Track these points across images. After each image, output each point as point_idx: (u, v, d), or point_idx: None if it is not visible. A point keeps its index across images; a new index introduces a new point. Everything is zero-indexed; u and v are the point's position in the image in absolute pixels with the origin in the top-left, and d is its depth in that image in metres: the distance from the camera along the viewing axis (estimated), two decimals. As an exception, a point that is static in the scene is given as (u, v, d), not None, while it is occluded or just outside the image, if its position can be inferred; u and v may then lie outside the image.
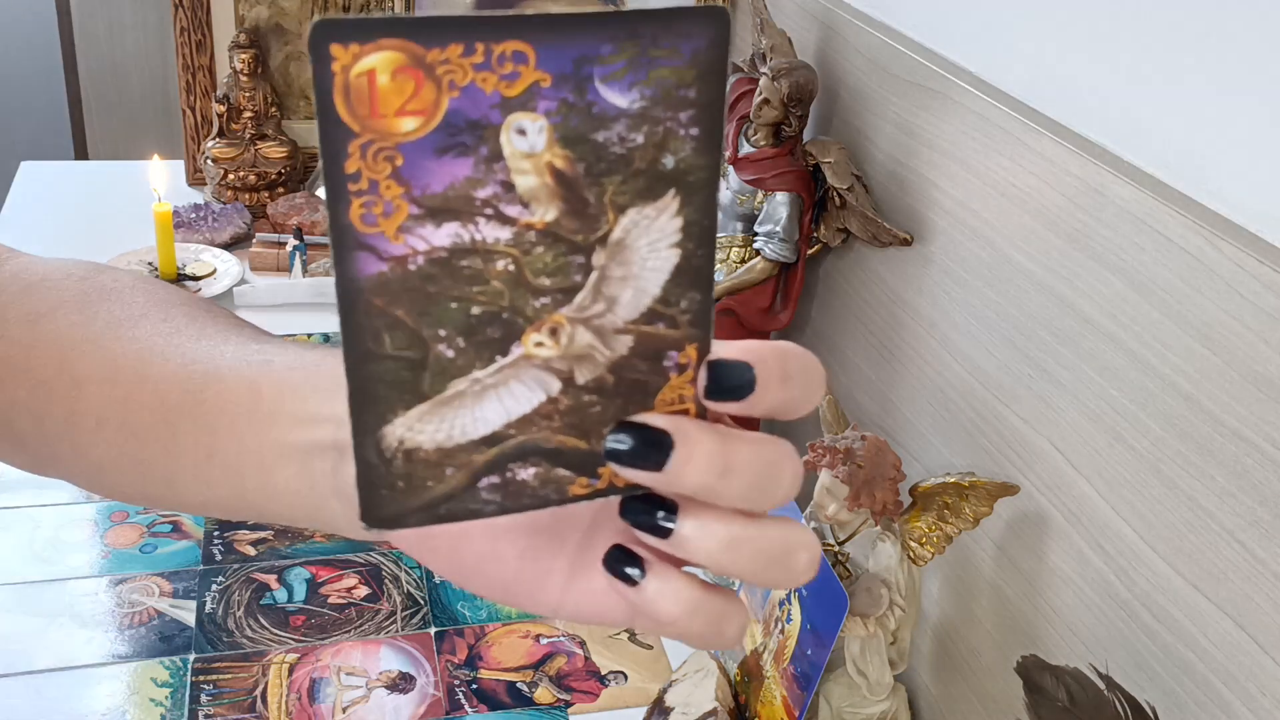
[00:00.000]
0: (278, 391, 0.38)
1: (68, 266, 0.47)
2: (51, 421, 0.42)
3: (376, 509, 0.31)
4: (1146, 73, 0.67)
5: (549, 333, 0.30)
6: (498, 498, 0.32)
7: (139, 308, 0.44)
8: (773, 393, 0.32)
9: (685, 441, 0.31)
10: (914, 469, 0.92)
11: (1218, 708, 0.61)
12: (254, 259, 1.39)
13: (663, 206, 0.29)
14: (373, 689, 0.88)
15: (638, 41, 0.27)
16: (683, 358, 0.32)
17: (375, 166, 0.27)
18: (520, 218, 0.29)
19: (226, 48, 1.47)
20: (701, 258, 0.30)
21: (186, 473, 0.40)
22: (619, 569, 0.34)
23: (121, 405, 0.41)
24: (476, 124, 0.27)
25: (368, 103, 0.26)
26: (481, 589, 0.37)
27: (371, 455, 0.30)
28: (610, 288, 0.30)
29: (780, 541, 0.32)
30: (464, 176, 0.28)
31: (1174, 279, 0.63)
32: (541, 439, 0.31)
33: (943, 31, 0.90)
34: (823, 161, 1.00)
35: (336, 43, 0.26)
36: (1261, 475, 0.58)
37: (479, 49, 0.26)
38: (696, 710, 0.84)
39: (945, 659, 0.88)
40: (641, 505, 0.33)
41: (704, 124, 0.29)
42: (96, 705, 0.84)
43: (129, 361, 0.41)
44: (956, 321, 0.85)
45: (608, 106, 0.28)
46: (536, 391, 0.31)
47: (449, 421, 0.31)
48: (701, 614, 0.33)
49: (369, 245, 0.28)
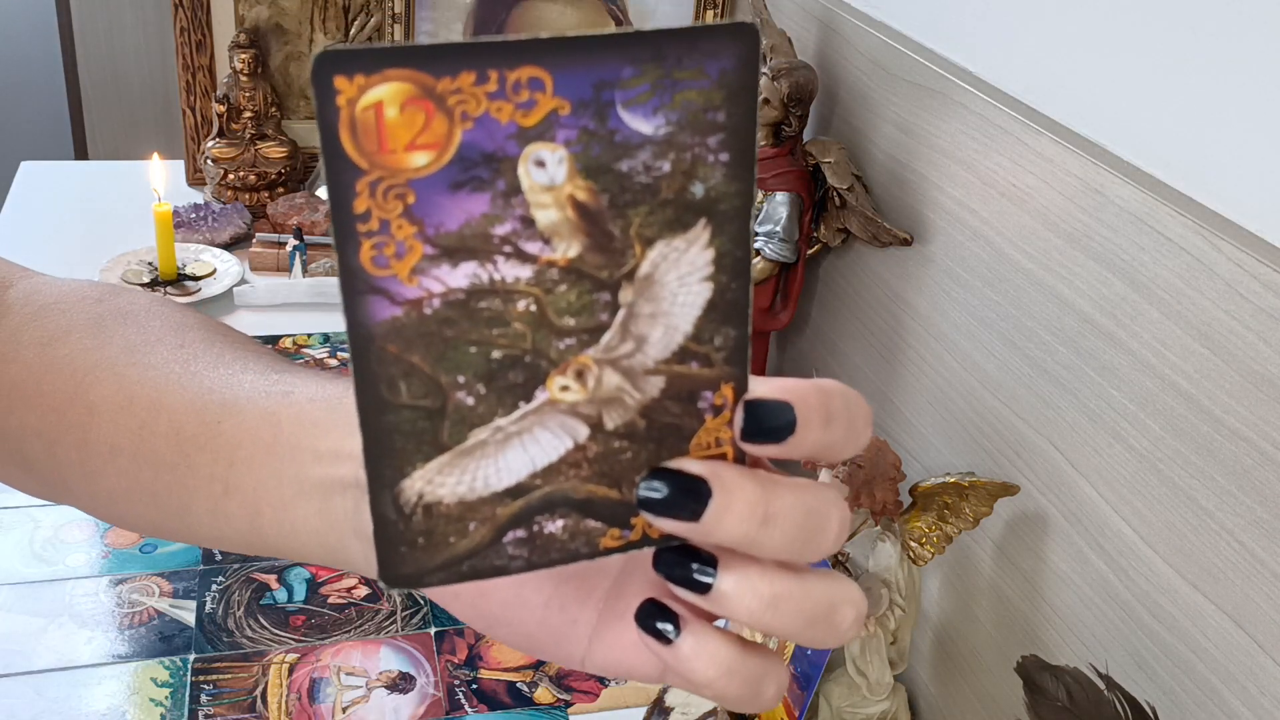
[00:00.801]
0: (298, 425, 0.37)
1: (82, 288, 0.45)
2: (63, 448, 0.41)
3: (396, 567, 0.29)
4: (1146, 73, 0.67)
5: (575, 376, 0.29)
6: (524, 553, 0.30)
7: (155, 332, 0.43)
8: (814, 434, 0.30)
9: (723, 489, 0.29)
10: (914, 469, 0.92)
11: (1218, 708, 0.61)
12: (254, 259, 1.39)
13: (693, 238, 0.28)
14: (373, 689, 0.88)
15: (661, 63, 0.26)
16: (718, 398, 0.30)
17: (386, 205, 0.25)
18: (541, 255, 0.27)
19: (226, 48, 1.47)
20: (736, 291, 0.28)
21: (201, 505, 0.38)
22: (651, 625, 0.31)
23: (136, 434, 0.39)
24: (492, 156, 0.26)
25: (376, 138, 0.25)
26: (506, 637, 0.35)
27: (389, 511, 0.29)
28: (639, 326, 0.28)
29: (825, 598, 0.30)
30: (480, 213, 0.26)
31: (1174, 279, 0.63)
32: (570, 489, 0.30)
33: (943, 31, 0.90)
34: (823, 161, 1.00)
35: (341, 75, 0.24)
36: (1261, 475, 0.58)
37: (492, 76, 0.25)
38: (696, 710, 0.84)
39: (945, 659, 0.88)
40: (677, 558, 0.30)
41: (734, 149, 0.27)
42: (96, 705, 0.84)
43: (144, 389, 0.40)
44: (956, 321, 0.85)
45: (631, 133, 0.26)
46: (563, 439, 0.29)
47: (471, 473, 0.29)
48: (739, 675, 0.31)
49: (381, 289, 0.26)
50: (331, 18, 1.49)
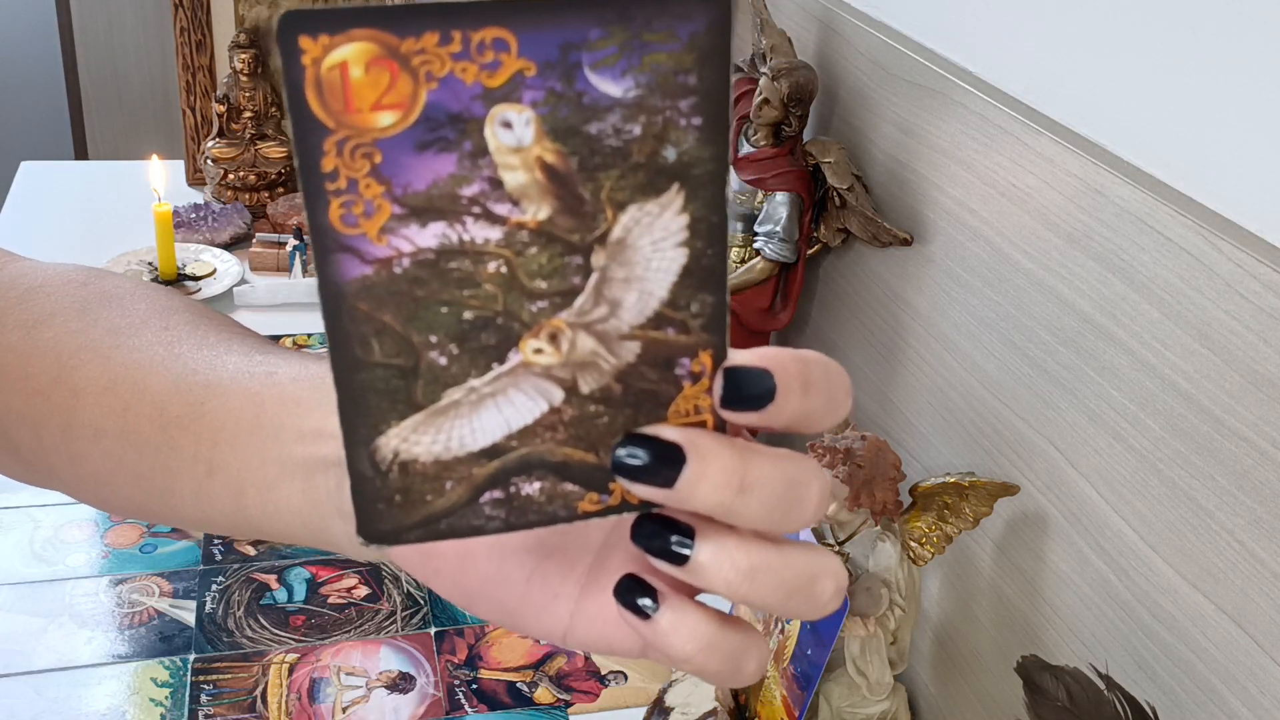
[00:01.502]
0: (281, 405, 0.37)
1: (67, 272, 0.45)
2: (48, 431, 0.41)
3: (373, 524, 0.30)
4: (1146, 73, 0.67)
5: (548, 339, 0.28)
6: (501, 513, 0.30)
7: (139, 315, 0.43)
8: (794, 402, 0.29)
9: (699, 455, 0.29)
10: (914, 469, 0.92)
11: (1218, 708, 0.61)
12: (254, 259, 1.39)
13: (666, 202, 0.27)
14: (373, 689, 0.88)
15: (629, 25, 0.26)
16: (695, 365, 0.30)
17: (353, 164, 0.26)
18: (510, 216, 0.27)
19: (226, 48, 1.48)
20: (712, 257, 0.28)
21: (185, 487, 0.39)
22: (630, 600, 0.31)
23: (120, 416, 0.39)
24: (458, 117, 0.26)
25: (341, 97, 0.25)
26: (487, 612, 0.35)
27: (366, 468, 0.29)
28: (612, 290, 0.28)
29: (804, 569, 0.30)
30: (448, 173, 0.26)
31: (1174, 279, 0.63)
32: (546, 451, 0.30)
33: (943, 31, 0.90)
34: (823, 161, 1.00)
35: (306, 35, 0.24)
36: (1261, 475, 0.58)
37: (456, 37, 0.25)
38: (696, 710, 0.84)
39: (945, 659, 0.88)
40: (654, 528, 0.30)
41: (707, 113, 0.27)
42: (96, 705, 0.84)
43: (128, 371, 0.40)
44: (956, 321, 0.85)
45: (599, 96, 0.26)
46: (538, 401, 0.29)
47: (445, 432, 0.29)
48: (718, 650, 0.31)
49: (351, 247, 0.26)
50: (331, 18, 1.49)
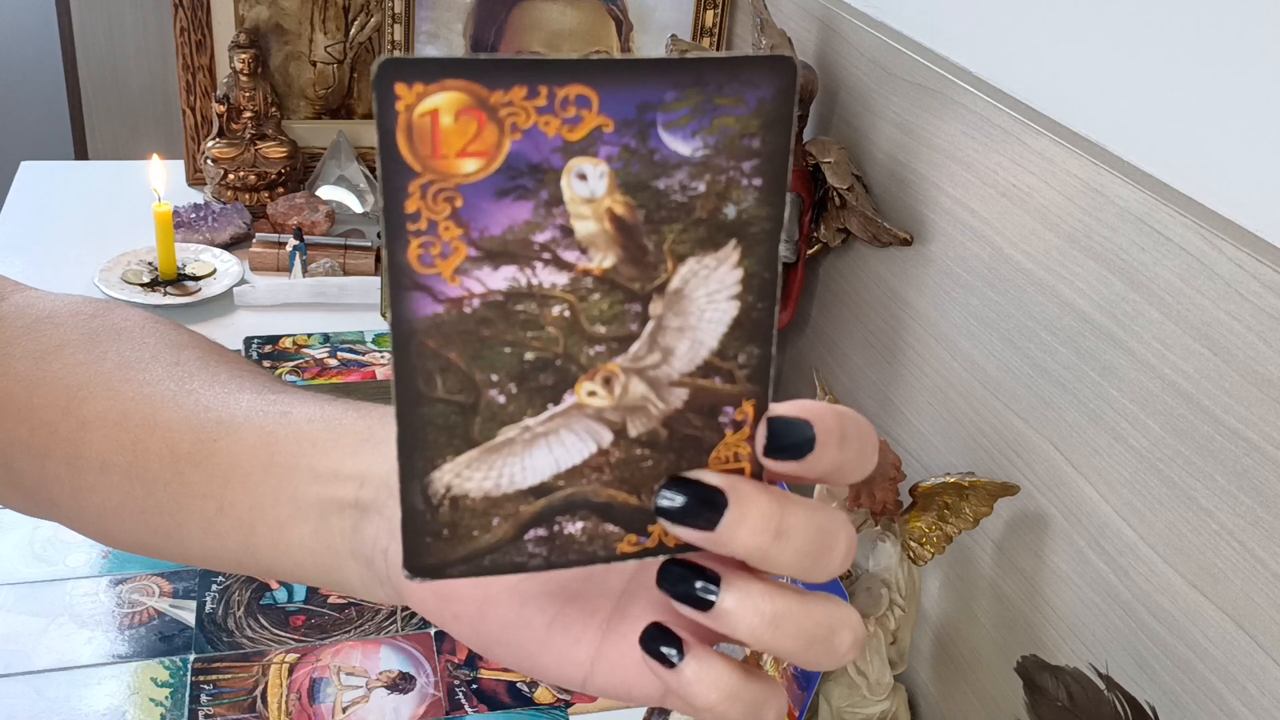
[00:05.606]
0: (296, 444, 0.37)
1: (74, 303, 0.45)
2: (53, 463, 0.41)
3: (420, 557, 0.30)
4: (1146, 73, 0.67)
5: (603, 382, 0.30)
6: (544, 551, 0.31)
7: (149, 349, 0.42)
8: (831, 453, 0.30)
9: (739, 501, 0.30)
10: (914, 469, 0.92)
11: (1218, 708, 0.61)
12: (254, 259, 1.39)
13: (723, 257, 0.29)
14: (373, 689, 0.88)
15: (703, 89, 0.27)
16: (739, 414, 0.31)
17: (435, 207, 0.27)
18: (578, 263, 0.28)
19: (226, 48, 1.47)
20: (761, 311, 0.30)
21: (194, 525, 0.38)
22: (655, 649, 0.32)
23: (129, 451, 0.39)
24: (538, 167, 0.27)
25: (430, 143, 0.26)
26: (504, 657, 0.35)
27: (418, 501, 0.30)
28: (667, 338, 0.30)
29: (825, 619, 0.31)
30: (523, 220, 0.27)
31: (1174, 279, 0.63)
32: (591, 492, 0.31)
33: (943, 31, 0.90)
34: (823, 161, 1.00)
35: (401, 82, 0.25)
36: (1261, 475, 0.58)
37: (542, 92, 0.26)
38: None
39: (945, 659, 0.88)
40: (681, 573, 0.31)
41: (767, 175, 0.28)
42: (96, 705, 0.84)
43: (138, 405, 0.40)
44: (956, 321, 0.85)
45: (670, 154, 0.28)
46: (587, 442, 0.30)
47: (498, 469, 0.30)
48: (740, 701, 0.31)
49: (425, 286, 0.28)
50: (331, 18, 1.49)
